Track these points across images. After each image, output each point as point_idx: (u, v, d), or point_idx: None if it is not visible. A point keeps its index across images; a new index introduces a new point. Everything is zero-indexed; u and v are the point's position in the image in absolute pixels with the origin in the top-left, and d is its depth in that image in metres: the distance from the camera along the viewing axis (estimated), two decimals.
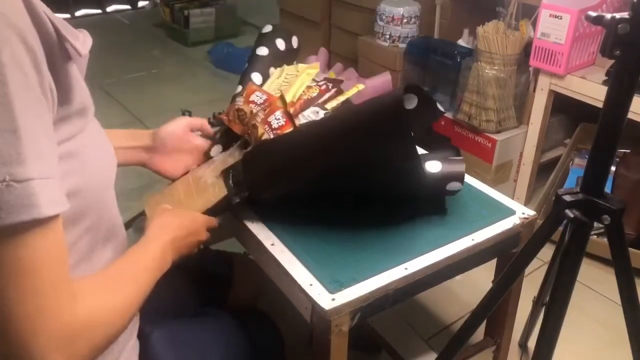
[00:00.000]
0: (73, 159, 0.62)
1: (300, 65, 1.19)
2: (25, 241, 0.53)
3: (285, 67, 1.20)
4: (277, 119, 1.02)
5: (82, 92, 0.65)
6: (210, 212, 0.99)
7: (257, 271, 1.05)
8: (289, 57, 1.26)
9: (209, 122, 1.14)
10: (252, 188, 0.98)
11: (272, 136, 1.01)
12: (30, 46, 0.53)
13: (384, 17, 2.26)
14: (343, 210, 1.05)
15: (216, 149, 1.10)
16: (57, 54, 0.59)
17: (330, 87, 1.12)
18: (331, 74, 2.12)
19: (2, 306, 0.54)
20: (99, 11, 4.49)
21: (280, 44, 1.24)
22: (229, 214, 1.05)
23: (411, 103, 0.85)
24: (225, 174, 1.01)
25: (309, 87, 1.11)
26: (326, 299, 0.84)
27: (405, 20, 2.24)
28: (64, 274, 0.58)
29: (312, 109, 1.07)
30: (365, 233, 0.99)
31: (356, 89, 1.15)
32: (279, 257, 0.93)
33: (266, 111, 1.05)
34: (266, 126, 1.02)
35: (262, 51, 1.22)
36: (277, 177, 0.97)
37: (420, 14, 2.28)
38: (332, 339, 0.85)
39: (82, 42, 0.64)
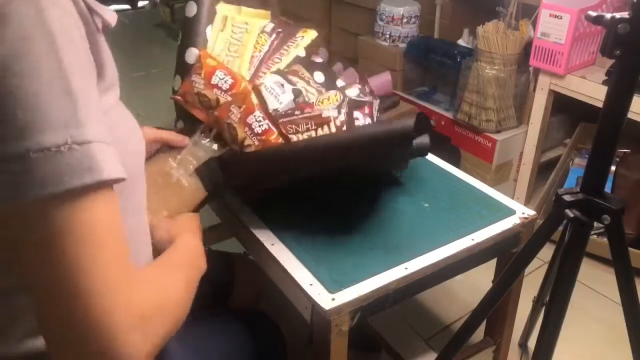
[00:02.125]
0: (112, 134, 0.58)
1: (245, 11, 1.06)
2: (89, 206, 0.50)
3: (226, 12, 1.07)
4: (259, 121, 0.95)
5: (113, 68, 0.63)
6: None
7: (258, 271, 1.05)
8: None
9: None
10: (232, 188, 0.95)
11: (256, 143, 0.95)
12: (71, 12, 0.53)
13: (384, 17, 2.26)
14: (343, 210, 1.05)
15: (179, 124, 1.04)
16: (90, 24, 0.57)
17: (280, 34, 1.04)
18: None
19: (66, 280, 0.49)
20: None
21: None
22: (229, 214, 1.05)
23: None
24: (199, 172, 0.95)
25: (258, 40, 1.03)
26: (326, 299, 0.84)
27: (405, 20, 2.24)
28: (127, 250, 0.54)
29: (275, 79, 1.00)
30: (365, 233, 0.99)
31: (308, 38, 1.08)
32: (279, 257, 0.93)
33: (240, 106, 0.97)
34: (247, 129, 0.95)
35: (191, 9, 1.08)
36: (264, 183, 0.96)
37: (420, 14, 2.27)
38: (332, 338, 0.85)
39: (110, 14, 0.63)
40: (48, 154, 0.48)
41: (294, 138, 0.95)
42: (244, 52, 1.01)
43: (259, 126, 0.95)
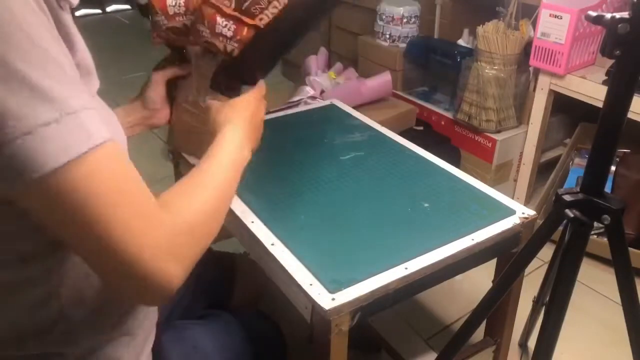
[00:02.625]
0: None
1: None
2: (95, 171, 0.53)
3: None
4: (225, 26, 0.96)
5: (84, 50, 0.63)
6: None
7: (258, 271, 1.05)
8: None
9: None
10: (243, 79, 0.99)
11: (235, 45, 0.96)
12: None
13: (384, 17, 2.26)
14: (343, 210, 1.05)
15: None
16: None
17: None
18: (331, 74, 2.13)
19: (100, 232, 0.53)
20: (99, 11, 4.50)
21: None
22: (229, 213, 1.05)
23: None
24: (214, 86, 1.00)
25: None
26: (326, 299, 0.84)
27: (405, 20, 2.24)
28: (146, 188, 0.59)
29: None
30: (366, 233, 0.99)
31: None
32: (279, 257, 0.93)
33: (203, 22, 0.97)
34: (221, 38, 0.96)
35: None
36: (262, 57, 0.98)
37: (420, 14, 2.27)
38: (332, 338, 0.85)
39: None
40: (45, 130, 0.50)
41: (264, 18, 0.95)
42: None
43: (228, 30, 0.96)
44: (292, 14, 0.94)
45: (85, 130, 0.52)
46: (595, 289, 1.70)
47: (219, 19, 0.95)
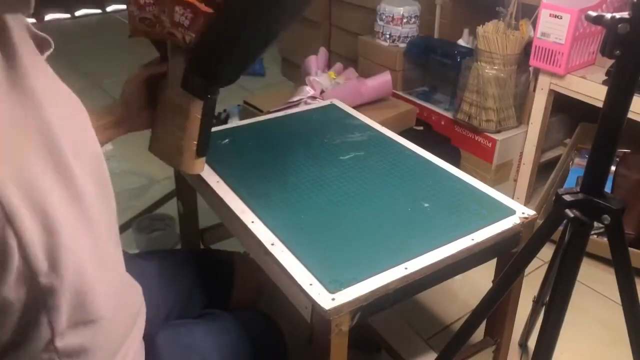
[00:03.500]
0: None
1: None
2: None
3: None
4: (182, 14, 0.91)
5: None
6: (202, 127, 0.96)
7: (258, 271, 1.05)
8: None
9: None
10: (212, 80, 0.94)
11: (193, 35, 0.91)
12: None
13: (384, 17, 2.26)
14: (343, 210, 1.05)
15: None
16: None
17: None
18: (331, 74, 2.13)
19: None
20: (99, 11, 4.49)
21: None
22: (229, 214, 1.05)
23: None
24: (185, 86, 0.94)
25: None
26: (326, 299, 0.84)
27: (405, 20, 2.24)
28: None
29: None
30: (366, 233, 0.99)
31: None
32: (279, 257, 0.93)
33: (164, 11, 0.93)
34: (180, 28, 0.92)
35: None
36: (225, 55, 0.92)
37: (420, 14, 2.27)
38: (332, 338, 0.85)
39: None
40: None
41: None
42: None
43: (185, 18, 0.91)
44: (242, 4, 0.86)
45: None
46: (595, 289, 1.70)
47: (177, 8, 0.91)
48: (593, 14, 0.79)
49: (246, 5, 0.87)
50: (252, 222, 1.02)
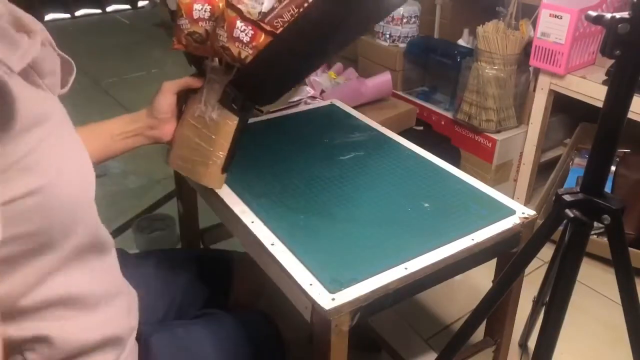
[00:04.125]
0: (33, 175, 0.56)
1: None
2: None
3: None
4: (243, 31, 0.94)
5: (32, 104, 0.58)
6: (234, 142, 1.00)
7: (256, 269, 1.05)
8: None
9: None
10: (254, 98, 0.98)
11: (250, 51, 0.95)
12: None
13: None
14: (343, 210, 1.05)
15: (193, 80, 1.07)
16: None
17: None
18: (331, 74, 2.13)
19: None
20: (99, 11, 4.50)
21: None
22: (229, 214, 1.05)
23: None
24: (223, 103, 0.98)
25: None
26: (326, 299, 0.84)
27: (405, 20, 2.24)
28: None
29: None
30: (366, 233, 0.99)
31: None
32: (279, 257, 0.93)
33: (223, 26, 0.96)
34: (237, 44, 0.95)
35: None
36: (278, 76, 0.96)
37: (420, 14, 2.27)
38: (332, 338, 0.85)
39: (22, 52, 0.57)
40: None
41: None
42: None
43: (245, 35, 0.95)
44: (307, 31, 0.90)
45: None
46: (595, 289, 1.70)
47: (239, 23, 0.94)
48: (593, 14, 0.79)
49: (310, 36, 0.91)
50: (252, 222, 1.02)
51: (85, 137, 0.69)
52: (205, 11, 0.99)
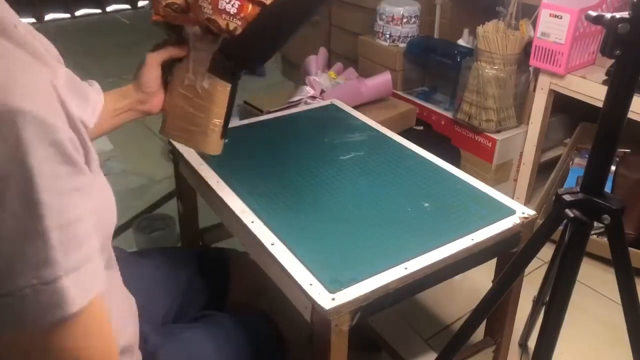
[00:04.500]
0: (94, 198, 0.61)
1: None
2: (62, 334, 0.54)
3: None
4: (228, 2, 0.93)
5: (93, 151, 0.63)
6: (229, 108, 0.99)
7: (254, 268, 1.05)
8: None
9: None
10: (245, 66, 0.98)
11: (239, 23, 0.93)
12: (61, 141, 0.52)
13: (384, 16, 2.26)
14: (343, 210, 1.05)
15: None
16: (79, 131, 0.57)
17: None
18: (331, 74, 2.13)
19: None
20: (99, 11, 4.49)
21: None
22: (229, 214, 1.05)
23: None
24: (213, 71, 0.97)
25: None
26: (326, 299, 0.84)
27: (405, 20, 2.24)
28: (113, 345, 0.59)
29: None
30: (366, 233, 0.99)
31: None
32: (279, 257, 0.93)
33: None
34: (224, 15, 0.93)
35: None
36: (265, 45, 0.96)
37: (420, 14, 2.27)
38: (332, 338, 0.85)
39: (92, 108, 0.64)
40: (14, 298, 0.50)
41: None
42: None
43: (232, 6, 0.93)
44: None
45: (64, 298, 0.52)
46: (595, 289, 1.70)
47: None
48: (593, 13, 0.79)
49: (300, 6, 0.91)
50: (252, 222, 1.02)
51: None
52: None
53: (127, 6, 4.63)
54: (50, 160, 0.51)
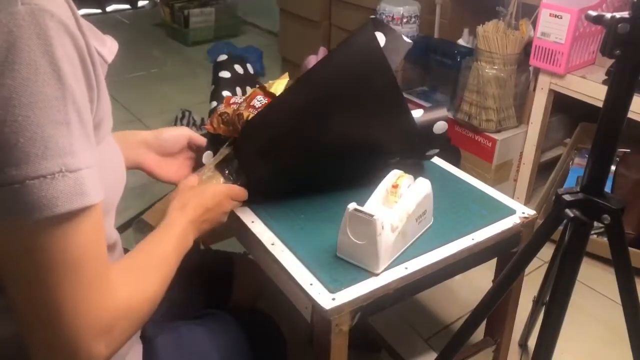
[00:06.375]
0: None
1: (270, 82, 1.18)
2: (76, 226, 0.55)
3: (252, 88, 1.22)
4: (259, 100, 1.04)
5: (106, 103, 0.65)
6: None
7: (257, 270, 1.05)
8: (249, 80, 1.30)
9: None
10: (248, 171, 1.00)
11: (255, 112, 1.01)
12: (78, 45, 0.56)
13: (383, 16, 2.26)
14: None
15: (207, 156, 1.09)
16: (93, 57, 0.60)
17: None
18: None
19: (47, 296, 0.55)
20: (99, 11, 4.49)
21: (239, 68, 1.30)
22: (229, 213, 1.05)
23: (381, 41, 0.91)
24: (219, 167, 1.02)
25: None
26: (326, 299, 0.84)
27: (405, 20, 2.24)
28: (105, 261, 0.60)
29: None
30: None
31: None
32: (279, 257, 0.93)
33: (247, 99, 1.06)
34: (250, 109, 1.02)
35: (225, 74, 1.29)
36: (270, 152, 0.99)
37: (420, 14, 2.27)
38: (332, 338, 0.85)
39: (108, 48, 0.66)
40: (44, 181, 0.52)
41: None
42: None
43: (259, 102, 1.03)
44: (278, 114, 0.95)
45: (85, 189, 0.55)
46: (595, 289, 1.70)
47: (259, 97, 1.05)
48: (593, 13, 0.79)
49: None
50: (252, 222, 1.02)
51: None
52: (239, 96, 1.10)
53: (127, 6, 4.63)
54: (73, 64, 0.56)
